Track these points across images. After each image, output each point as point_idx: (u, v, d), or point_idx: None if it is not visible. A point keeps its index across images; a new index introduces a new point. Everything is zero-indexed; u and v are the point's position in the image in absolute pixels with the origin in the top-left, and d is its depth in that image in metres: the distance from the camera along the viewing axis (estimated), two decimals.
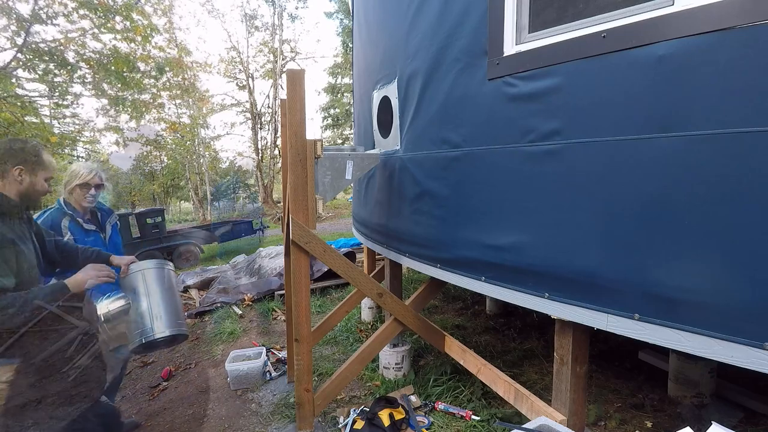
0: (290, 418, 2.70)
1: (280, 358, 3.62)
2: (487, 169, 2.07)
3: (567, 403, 1.85)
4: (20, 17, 7.43)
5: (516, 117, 1.88)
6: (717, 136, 1.27)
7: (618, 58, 1.50)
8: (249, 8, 24.37)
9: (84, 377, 1.76)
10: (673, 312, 1.40)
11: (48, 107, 9.85)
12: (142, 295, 2.08)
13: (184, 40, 26.63)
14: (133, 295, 2.08)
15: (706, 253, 1.32)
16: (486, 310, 4.52)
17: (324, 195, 2.53)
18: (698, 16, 1.29)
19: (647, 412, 2.55)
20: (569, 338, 1.80)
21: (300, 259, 2.38)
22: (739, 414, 2.44)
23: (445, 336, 2.80)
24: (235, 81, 22.44)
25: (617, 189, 1.53)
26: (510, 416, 2.46)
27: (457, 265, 2.31)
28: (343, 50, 22.61)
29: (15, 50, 7.82)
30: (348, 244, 7.20)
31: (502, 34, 1.91)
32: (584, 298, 1.66)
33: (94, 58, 8.80)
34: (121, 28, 8.99)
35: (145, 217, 8.84)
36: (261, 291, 5.55)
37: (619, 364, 3.15)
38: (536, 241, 1.84)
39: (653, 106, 1.41)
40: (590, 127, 1.60)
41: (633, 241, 1.50)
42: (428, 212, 2.48)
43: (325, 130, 25.25)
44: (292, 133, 2.27)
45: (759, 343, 1.22)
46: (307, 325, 2.40)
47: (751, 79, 1.20)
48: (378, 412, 2.47)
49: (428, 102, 2.43)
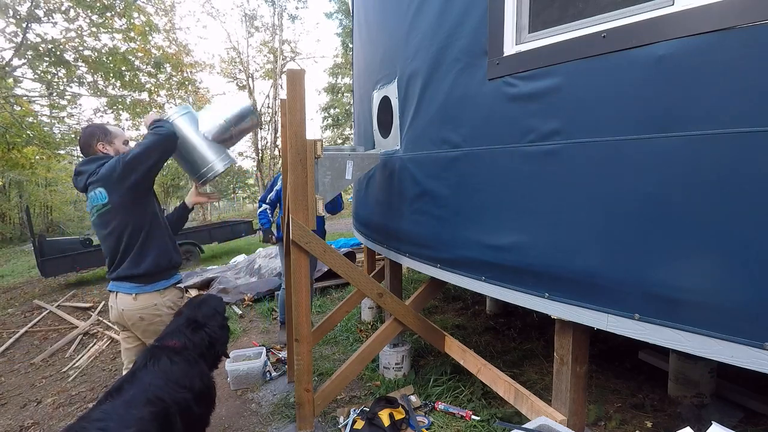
0: (290, 418, 2.70)
1: (280, 358, 3.63)
2: (487, 169, 2.07)
3: (567, 403, 1.85)
4: (18, 15, 7.42)
5: (516, 117, 1.88)
6: (717, 136, 1.27)
7: (618, 58, 1.49)
8: (249, 8, 24.35)
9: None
10: (674, 312, 1.40)
11: (48, 107, 9.85)
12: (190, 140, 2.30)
13: (185, 39, 26.64)
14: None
15: (706, 253, 1.32)
16: (486, 310, 4.52)
17: (324, 195, 2.53)
18: (698, 16, 1.29)
19: (647, 412, 2.55)
20: (569, 338, 1.80)
21: (300, 259, 2.38)
22: (739, 414, 2.44)
23: (445, 336, 2.80)
24: (235, 81, 22.44)
25: (617, 189, 1.53)
26: (510, 416, 2.46)
27: (457, 265, 2.31)
28: (343, 50, 22.60)
29: (13, 49, 7.81)
30: (348, 244, 7.20)
31: (502, 34, 1.91)
32: (584, 298, 1.66)
33: (92, 57, 8.79)
34: (120, 27, 8.98)
35: None
36: (261, 291, 5.55)
37: (619, 364, 3.15)
38: (536, 240, 1.84)
39: (653, 106, 1.41)
40: (590, 127, 1.60)
41: (633, 240, 1.50)
42: (428, 212, 2.48)
43: (325, 130, 25.25)
44: (292, 133, 2.27)
45: (759, 343, 1.22)
46: (307, 325, 2.40)
47: (751, 79, 1.20)
48: (378, 412, 2.47)
49: (428, 102, 2.43)
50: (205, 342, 1.99)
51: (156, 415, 1.56)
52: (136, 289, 2.07)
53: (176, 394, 1.70)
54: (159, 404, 1.60)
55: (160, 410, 1.59)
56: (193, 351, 1.92)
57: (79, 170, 2.11)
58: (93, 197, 2.04)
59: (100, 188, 2.01)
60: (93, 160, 2.10)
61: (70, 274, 8.53)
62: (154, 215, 2.13)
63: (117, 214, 2.03)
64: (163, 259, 2.13)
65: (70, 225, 23.22)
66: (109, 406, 1.53)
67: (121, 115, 10.75)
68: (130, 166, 1.97)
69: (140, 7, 9.42)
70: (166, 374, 1.73)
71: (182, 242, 9.00)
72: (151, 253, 2.08)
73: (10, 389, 3.82)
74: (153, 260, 2.08)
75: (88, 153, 2.16)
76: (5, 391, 3.78)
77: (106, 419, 1.46)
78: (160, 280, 2.13)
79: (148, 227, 2.09)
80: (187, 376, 1.80)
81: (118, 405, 1.54)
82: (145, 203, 2.11)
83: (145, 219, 2.08)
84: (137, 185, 2.02)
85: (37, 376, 4.06)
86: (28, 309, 6.68)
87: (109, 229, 2.05)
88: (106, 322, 5.42)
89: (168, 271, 2.18)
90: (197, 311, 2.10)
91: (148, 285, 2.09)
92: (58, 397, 3.51)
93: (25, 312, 6.55)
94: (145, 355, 1.82)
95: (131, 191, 2.01)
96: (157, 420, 1.55)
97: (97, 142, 2.14)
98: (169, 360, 1.79)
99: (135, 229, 2.05)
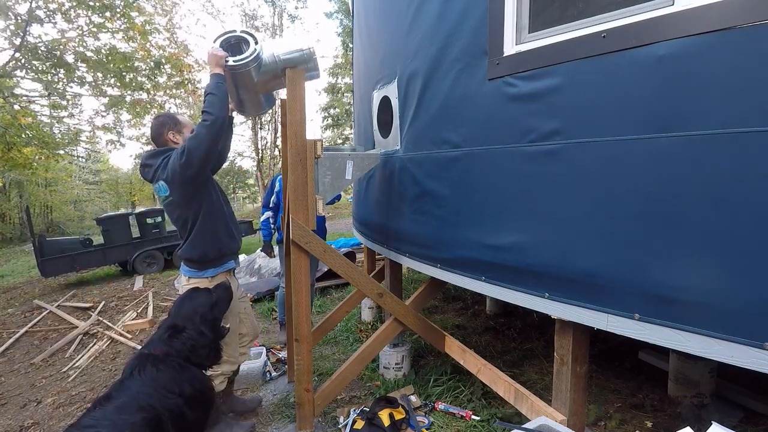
0: (290, 418, 2.70)
1: (280, 358, 3.62)
2: (487, 169, 2.07)
3: (567, 403, 1.85)
4: (18, 17, 7.42)
5: (516, 117, 1.88)
6: (717, 136, 1.27)
7: (618, 58, 1.49)
8: (249, 8, 24.34)
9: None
10: (674, 312, 1.40)
11: (48, 107, 9.85)
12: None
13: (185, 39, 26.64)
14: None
15: (706, 253, 1.32)
16: (486, 310, 4.52)
17: (324, 195, 2.53)
18: (698, 16, 1.29)
19: (647, 412, 2.55)
20: (569, 338, 1.80)
21: (300, 259, 2.38)
22: (739, 414, 2.44)
23: (445, 336, 2.80)
24: None
25: (617, 189, 1.53)
26: (510, 416, 2.46)
27: (457, 265, 2.31)
28: (343, 50, 22.59)
29: (13, 50, 7.81)
30: (348, 244, 7.20)
31: (502, 34, 1.91)
32: (584, 298, 1.66)
33: (92, 57, 8.79)
34: (119, 28, 8.98)
35: (145, 217, 8.83)
36: (261, 291, 5.55)
37: (619, 364, 3.15)
38: (536, 241, 1.84)
39: (653, 106, 1.41)
40: (590, 127, 1.60)
41: (633, 240, 1.50)
42: (428, 212, 2.48)
43: (325, 130, 25.24)
44: (292, 133, 2.27)
45: (759, 343, 1.22)
46: (307, 325, 2.40)
47: (751, 79, 1.20)
48: (378, 412, 2.47)
49: (428, 102, 2.43)
50: (187, 346, 1.96)
51: (148, 421, 1.56)
52: (190, 273, 2.31)
53: (166, 401, 1.69)
54: (151, 411, 1.59)
55: (152, 416, 1.58)
56: (176, 357, 1.89)
57: (145, 163, 2.28)
58: (158, 188, 2.24)
59: (162, 182, 2.19)
60: (158, 154, 2.25)
61: (70, 274, 8.53)
62: (209, 206, 2.28)
63: (177, 206, 2.24)
64: (212, 250, 2.28)
65: (70, 225, 23.24)
66: (100, 413, 1.53)
67: (121, 116, 10.76)
68: (186, 164, 2.10)
69: (140, 7, 9.42)
70: (154, 382, 1.73)
71: None
72: (202, 244, 2.26)
73: (10, 389, 3.82)
74: (202, 250, 2.27)
75: (159, 142, 2.31)
76: (5, 391, 3.78)
77: (96, 425, 1.46)
78: (210, 268, 2.31)
79: (202, 218, 2.25)
80: (175, 381, 1.78)
81: (110, 411, 1.54)
82: (203, 194, 2.26)
83: (200, 210, 2.24)
84: (194, 179, 2.16)
85: (37, 376, 4.06)
86: (28, 309, 6.68)
87: (174, 217, 2.31)
88: (106, 322, 5.42)
89: (218, 260, 2.33)
90: (178, 314, 2.07)
91: (200, 271, 2.29)
92: (58, 397, 3.51)
93: (25, 312, 6.55)
94: (132, 364, 1.82)
95: (189, 185, 2.17)
96: (149, 426, 1.55)
97: (168, 131, 2.28)
98: (155, 368, 1.78)
99: (191, 220, 2.25)
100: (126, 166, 21.00)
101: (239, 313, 2.52)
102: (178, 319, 2.04)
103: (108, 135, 10.63)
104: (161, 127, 2.29)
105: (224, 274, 2.38)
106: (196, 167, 2.11)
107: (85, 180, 29.12)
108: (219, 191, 2.40)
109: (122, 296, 6.87)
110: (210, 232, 2.27)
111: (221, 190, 2.44)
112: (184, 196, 2.19)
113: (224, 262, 2.37)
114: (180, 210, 2.24)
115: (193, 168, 2.10)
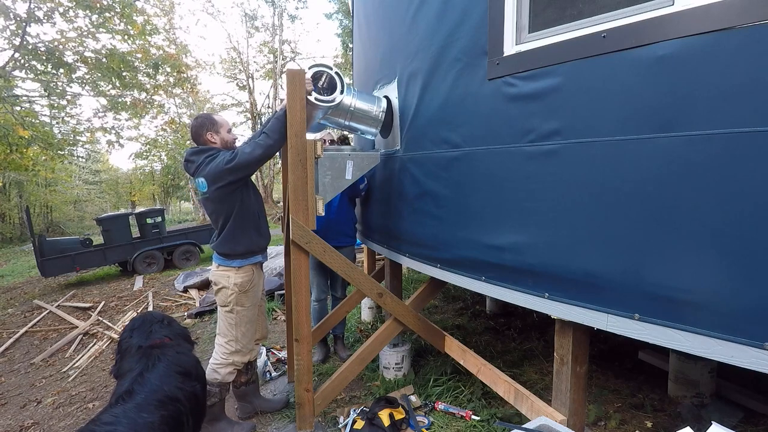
0: (290, 418, 2.70)
1: (280, 358, 3.63)
2: (487, 169, 2.07)
3: (567, 403, 1.85)
4: (17, 17, 7.41)
5: (516, 117, 1.88)
6: (717, 136, 1.27)
7: (618, 58, 1.49)
8: (249, 8, 24.35)
9: None
10: (673, 312, 1.40)
11: (48, 107, 9.84)
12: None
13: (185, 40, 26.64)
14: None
15: (706, 253, 1.32)
16: (486, 310, 4.52)
17: (324, 195, 2.53)
18: (698, 16, 1.29)
19: (647, 412, 2.55)
20: (569, 338, 1.80)
21: (300, 259, 2.38)
22: (739, 414, 2.44)
23: (445, 336, 2.80)
24: (236, 81, 22.43)
25: (617, 189, 1.53)
26: (510, 416, 2.46)
27: (457, 265, 2.31)
28: (343, 50, 22.56)
29: (12, 50, 7.81)
30: None
31: (502, 34, 1.91)
32: (584, 298, 1.66)
33: (92, 57, 8.78)
34: (118, 28, 8.97)
35: (145, 217, 8.83)
36: None
37: (619, 364, 3.15)
38: (536, 241, 1.84)
39: (653, 106, 1.41)
40: (590, 127, 1.60)
41: (633, 240, 1.49)
42: (428, 212, 2.48)
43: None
44: (292, 133, 2.27)
45: (759, 343, 1.22)
46: (307, 325, 2.40)
47: (751, 79, 1.20)
48: (378, 412, 2.47)
49: (428, 102, 2.43)
50: (182, 328, 2.23)
51: (167, 419, 1.55)
52: (219, 261, 2.49)
53: (186, 389, 1.73)
54: (171, 406, 1.61)
55: (171, 413, 1.59)
56: (182, 340, 2.12)
57: (188, 158, 2.43)
58: (198, 184, 2.40)
59: (203, 179, 2.34)
60: (200, 152, 2.40)
61: (70, 274, 8.54)
62: (242, 206, 2.42)
63: (213, 203, 2.40)
64: (240, 246, 2.44)
65: (70, 225, 23.22)
66: (120, 410, 1.52)
67: (121, 115, 10.76)
68: (230, 170, 2.28)
69: (137, 9, 9.41)
70: (171, 370, 1.77)
71: (182, 242, 9.01)
72: (231, 241, 2.42)
73: (10, 389, 3.82)
74: (231, 246, 2.43)
75: (199, 141, 2.47)
76: (5, 391, 3.78)
77: (115, 423, 1.46)
78: (236, 260, 2.45)
79: (234, 217, 2.41)
80: (191, 366, 1.92)
81: (130, 408, 1.53)
82: (239, 195, 2.40)
83: (233, 210, 2.40)
84: (232, 183, 2.34)
85: (37, 376, 4.06)
86: (28, 309, 6.68)
87: (209, 212, 2.47)
88: (106, 322, 5.42)
89: (244, 255, 2.47)
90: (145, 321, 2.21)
91: (228, 261, 2.45)
92: (58, 397, 3.51)
93: (25, 312, 6.55)
94: (139, 359, 1.86)
95: (226, 188, 2.33)
96: (168, 424, 1.55)
97: (206, 132, 2.44)
98: (167, 357, 1.87)
99: (224, 217, 2.41)
100: (126, 166, 21.06)
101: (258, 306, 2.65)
102: (150, 317, 2.23)
103: (107, 136, 10.63)
104: (200, 128, 2.45)
105: (251, 266, 2.51)
106: (238, 174, 2.32)
107: (85, 180, 29.10)
108: (254, 191, 2.55)
109: (122, 296, 6.87)
110: (240, 230, 2.43)
111: (256, 190, 2.60)
112: (220, 195, 2.34)
113: (251, 257, 2.51)
114: (215, 206, 2.40)
115: (235, 174, 2.30)
